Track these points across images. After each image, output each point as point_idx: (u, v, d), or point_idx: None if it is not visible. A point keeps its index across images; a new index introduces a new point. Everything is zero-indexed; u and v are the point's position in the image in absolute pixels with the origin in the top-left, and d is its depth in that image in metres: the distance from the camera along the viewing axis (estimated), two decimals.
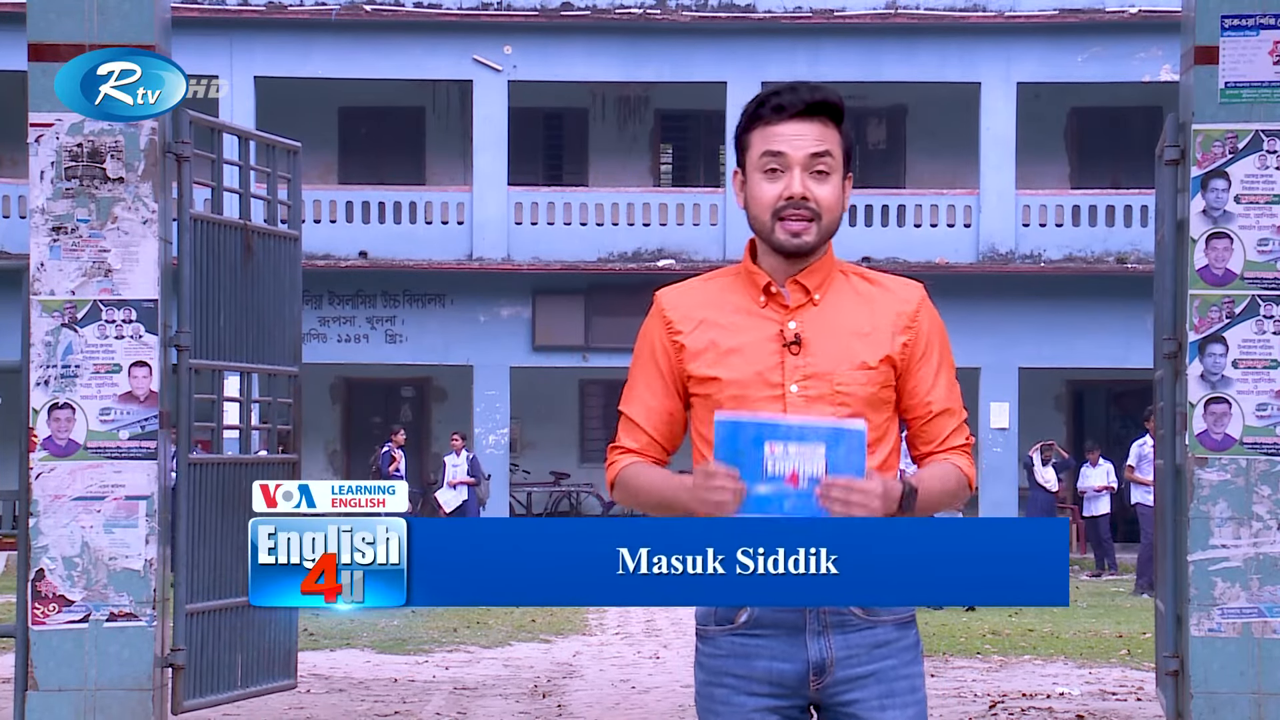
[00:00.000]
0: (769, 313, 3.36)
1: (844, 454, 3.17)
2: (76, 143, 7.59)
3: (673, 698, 10.56)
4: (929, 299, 3.44)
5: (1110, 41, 26.67)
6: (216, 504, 8.08)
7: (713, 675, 3.38)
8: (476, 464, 25.32)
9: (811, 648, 3.31)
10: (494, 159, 27.06)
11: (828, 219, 3.33)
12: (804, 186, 3.30)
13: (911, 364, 3.38)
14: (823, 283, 3.37)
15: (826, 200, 3.32)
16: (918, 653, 3.40)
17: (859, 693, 3.33)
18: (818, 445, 3.17)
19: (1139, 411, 20.76)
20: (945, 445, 3.43)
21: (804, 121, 3.32)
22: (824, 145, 3.31)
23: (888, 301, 3.39)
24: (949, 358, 3.45)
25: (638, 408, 3.46)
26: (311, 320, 26.41)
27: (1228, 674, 7.26)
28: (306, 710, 9.75)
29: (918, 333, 3.38)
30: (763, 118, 3.34)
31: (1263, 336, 7.33)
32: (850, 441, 3.18)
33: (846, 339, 3.34)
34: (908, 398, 3.40)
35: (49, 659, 7.50)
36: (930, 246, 26.68)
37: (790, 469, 3.17)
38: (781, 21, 26.74)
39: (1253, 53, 7.30)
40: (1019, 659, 12.87)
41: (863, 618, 3.32)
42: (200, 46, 25.09)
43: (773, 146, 3.31)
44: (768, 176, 3.33)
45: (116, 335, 7.59)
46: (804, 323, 3.34)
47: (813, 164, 3.31)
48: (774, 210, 3.32)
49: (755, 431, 3.18)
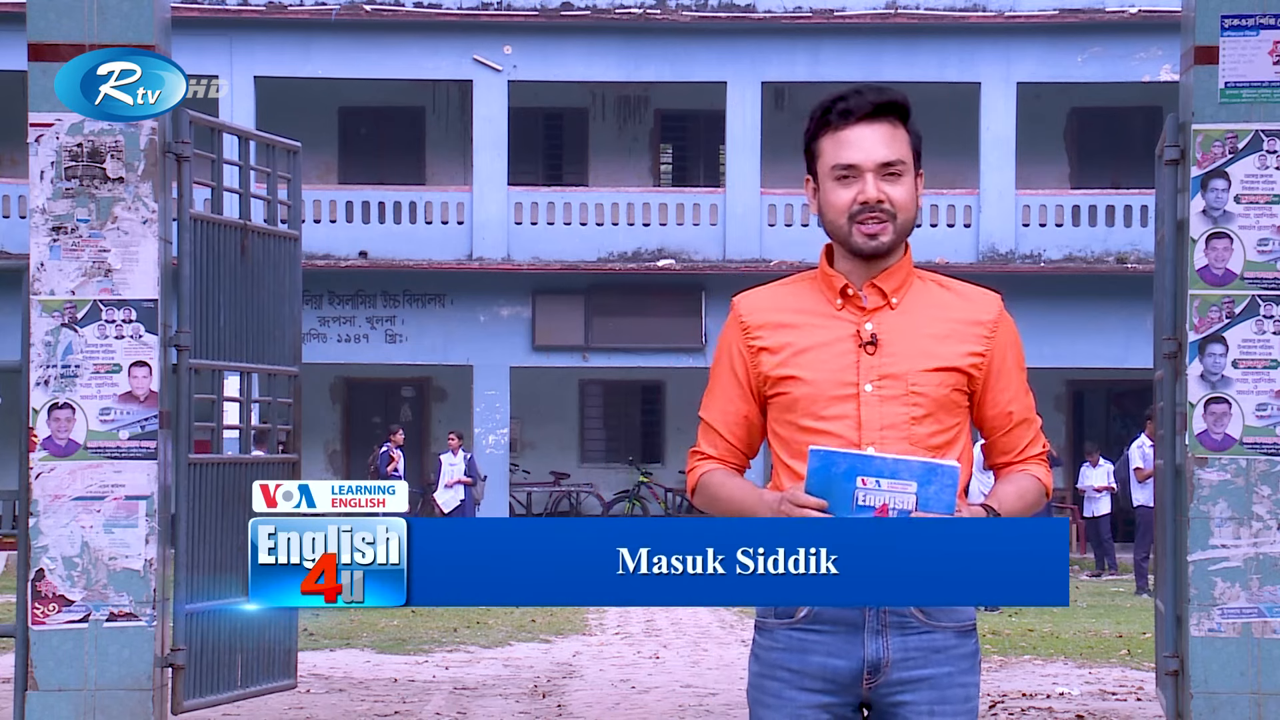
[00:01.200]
0: (846, 314, 3.37)
1: (935, 491, 3.18)
2: (76, 143, 7.59)
3: (673, 698, 10.56)
4: (1006, 310, 3.45)
5: (1110, 41, 26.68)
6: (216, 504, 8.08)
7: (767, 668, 3.39)
8: (473, 464, 25.32)
9: (869, 646, 3.32)
10: (494, 159, 27.06)
11: (903, 218, 3.35)
12: (878, 190, 3.32)
13: (990, 375, 3.40)
14: (900, 286, 3.39)
15: (901, 200, 3.34)
16: (975, 662, 3.39)
17: (911, 695, 3.33)
18: (909, 483, 3.18)
19: (1139, 411, 20.76)
20: (1024, 455, 3.46)
21: (871, 125, 3.34)
22: (894, 152, 3.33)
23: (966, 310, 3.40)
24: (1023, 367, 3.47)
25: (716, 414, 3.48)
26: (311, 320, 26.41)
27: (1227, 674, 7.26)
28: (306, 710, 9.75)
29: (996, 343, 3.40)
30: (830, 124, 3.35)
31: (1263, 336, 7.33)
32: (942, 479, 3.18)
33: (923, 341, 3.35)
34: (989, 408, 3.42)
35: (49, 659, 7.50)
36: (930, 246, 26.67)
37: (881, 502, 3.18)
38: (781, 21, 26.74)
39: (1253, 53, 7.30)
40: (1019, 659, 12.86)
41: (923, 621, 3.32)
42: (200, 46, 25.09)
43: (844, 156, 3.33)
44: (841, 183, 3.34)
45: (116, 335, 7.59)
46: (880, 324, 3.36)
47: (885, 169, 3.33)
48: (850, 214, 3.34)
49: (848, 464, 3.19)
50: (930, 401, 3.32)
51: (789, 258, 25.54)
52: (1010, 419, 3.43)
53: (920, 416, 3.31)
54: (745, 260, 26.14)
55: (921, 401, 3.32)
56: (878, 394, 3.31)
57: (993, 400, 3.41)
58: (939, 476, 3.18)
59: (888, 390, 3.32)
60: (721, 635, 14.46)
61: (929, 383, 3.33)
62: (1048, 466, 3.50)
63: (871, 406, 3.31)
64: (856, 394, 3.32)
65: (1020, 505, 3.39)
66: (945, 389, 3.34)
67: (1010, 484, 3.42)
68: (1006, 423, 3.43)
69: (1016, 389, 3.44)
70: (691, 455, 3.53)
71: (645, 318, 26.78)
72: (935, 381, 3.33)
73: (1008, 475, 3.45)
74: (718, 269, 26.31)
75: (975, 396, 3.40)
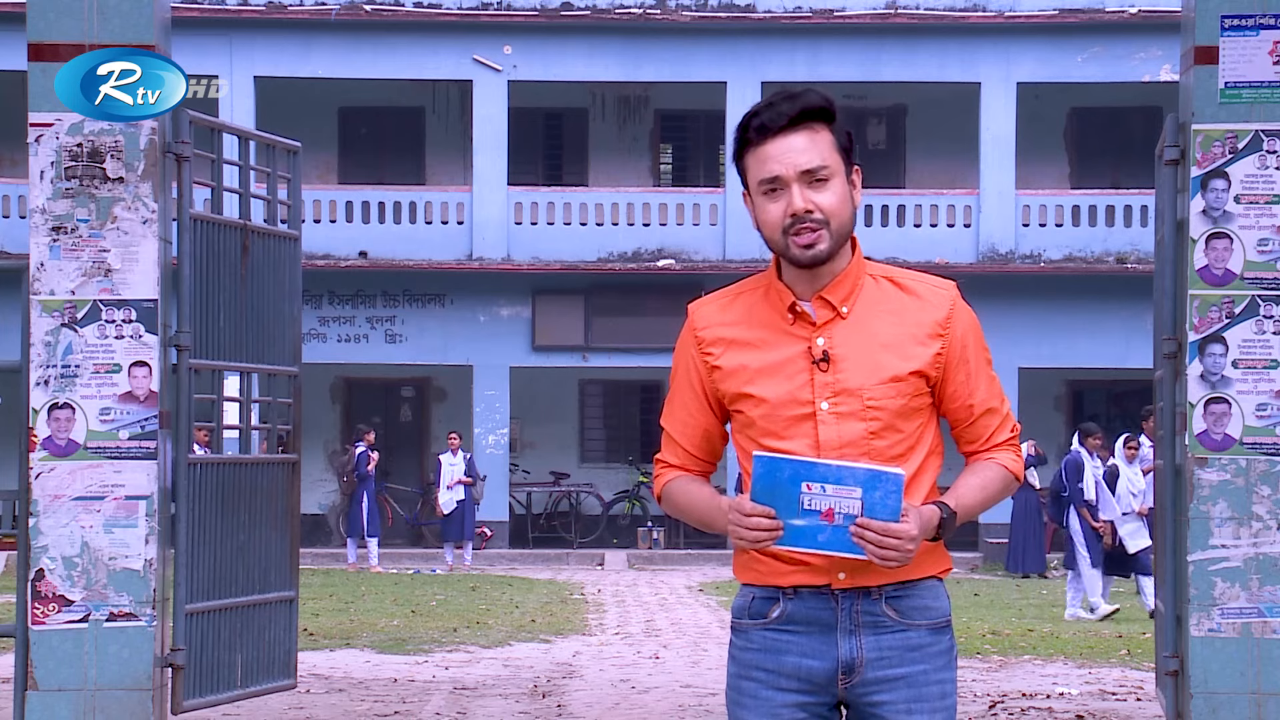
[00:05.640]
0: (797, 330, 3.36)
1: (880, 497, 3.20)
2: (76, 143, 7.58)
3: (672, 698, 10.56)
4: (962, 298, 3.43)
5: (1110, 41, 26.67)
6: (216, 504, 8.08)
7: (743, 669, 3.40)
8: (473, 464, 25.31)
9: (843, 646, 3.33)
10: (494, 159, 27.06)
11: (837, 223, 3.31)
12: (805, 200, 3.29)
13: (949, 370, 3.38)
14: (850, 294, 3.36)
15: (830, 206, 3.30)
16: (950, 658, 3.41)
17: (888, 695, 3.34)
18: (854, 488, 3.20)
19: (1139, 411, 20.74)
20: (990, 444, 3.44)
21: (790, 135, 3.30)
22: (815, 158, 3.29)
23: (919, 309, 3.38)
24: (985, 354, 3.45)
25: (676, 425, 3.51)
26: (311, 320, 26.40)
27: (1227, 674, 7.26)
28: (306, 710, 9.75)
29: (951, 339, 3.38)
30: (750, 141, 3.33)
31: (1262, 336, 7.33)
32: (886, 486, 3.20)
33: (875, 352, 3.33)
34: (949, 401, 3.40)
35: (49, 659, 7.50)
36: (930, 246, 26.68)
37: (827, 506, 3.21)
38: (781, 21, 26.74)
39: (1253, 53, 7.30)
40: (1019, 659, 12.86)
41: (896, 619, 3.33)
42: (200, 46, 25.08)
43: (766, 171, 3.31)
44: (770, 197, 3.32)
45: (116, 335, 7.58)
46: (832, 338, 3.34)
47: (809, 178, 3.30)
48: (783, 228, 3.31)
49: (792, 470, 3.22)
50: (888, 414, 3.32)
51: None
52: (973, 411, 3.41)
53: (879, 430, 3.31)
54: (745, 260, 26.14)
55: (879, 415, 3.31)
56: (834, 411, 3.30)
57: (953, 393, 3.40)
58: (883, 483, 3.20)
59: (844, 407, 3.31)
60: (721, 635, 14.45)
61: (884, 395, 3.32)
62: (1018, 452, 3.47)
63: (829, 425, 3.30)
64: (813, 413, 3.31)
65: (982, 497, 3.38)
66: (903, 398, 3.33)
67: (974, 475, 3.41)
68: (969, 414, 3.42)
69: (978, 378, 3.41)
70: (656, 463, 3.57)
71: (645, 318, 26.77)
72: (891, 393, 3.32)
73: (973, 465, 3.44)
74: (718, 269, 26.31)
75: (936, 391, 3.39)
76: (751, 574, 3.39)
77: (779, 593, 3.35)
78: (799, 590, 3.33)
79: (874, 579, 3.31)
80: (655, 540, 27.07)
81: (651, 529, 27.27)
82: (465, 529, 25.02)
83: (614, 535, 27.89)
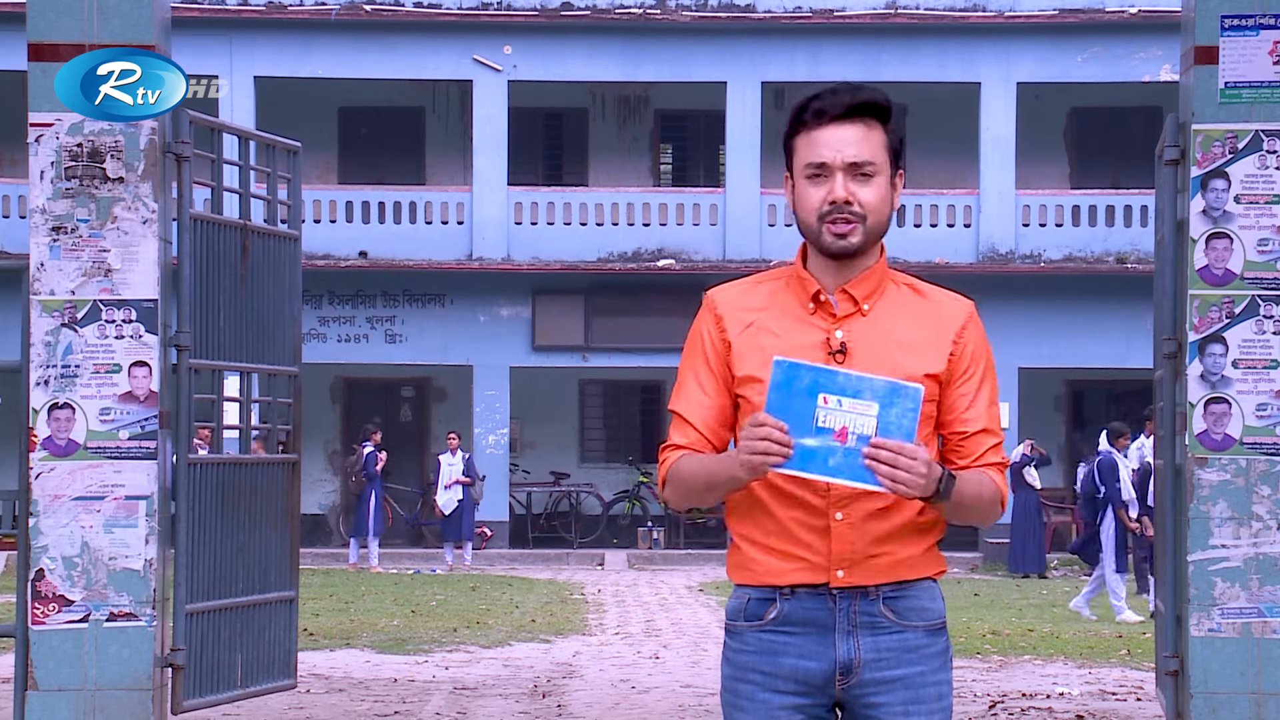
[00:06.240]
0: (817, 320, 3.36)
1: (896, 415, 3.16)
2: (76, 143, 7.58)
3: (673, 698, 10.56)
4: (978, 317, 3.44)
5: (1110, 41, 26.67)
6: (216, 504, 8.08)
7: (739, 671, 3.39)
8: (472, 464, 25.31)
9: (840, 647, 3.32)
10: (494, 159, 27.06)
11: (873, 220, 3.33)
12: (847, 190, 3.31)
13: (953, 380, 3.38)
14: (872, 293, 3.37)
15: (870, 202, 3.33)
16: (946, 659, 3.41)
17: (884, 696, 3.34)
18: (871, 404, 3.15)
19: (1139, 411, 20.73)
20: (980, 462, 3.40)
21: (845, 125, 3.33)
22: (865, 153, 3.32)
23: (936, 317, 3.39)
24: (992, 378, 3.43)
25: (688, 404, 3.45)
26: (311, 320, 26.40)
27: (1227, 674, 7.26)
28: (306, 710, 9.75)
29: (962, 350, 3.38)
30: (805, 123, 3.35)
31: (1262, 336, 7.33)
32: (905, 402, 3.16)
33: (892, 351, 3.33)
34: (946, 412, 3.39)
35: (49, 659, 7.50)
36: (930, 246, 26.67)
37: (841, 424, 3.16)
38: (781, 21, 26.74)
39: (1253, 53, 7.30)
40: (1019, 659, 12.87)
41: (893, 620, 3.33)
42: (200, 46, 25.08)
43: (815, 155, 3.33)
44: (812, 182, 3.33)
45: (116, 335, 7.58)
46: (851, 332, 3.35)
47: (855, 170, 3.31)
48: (819, 214, 3.33)
49: (812, 378, 3.17)
50: None
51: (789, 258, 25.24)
52: (967, 426, 3.39)
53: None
54: (745, 260, 26.14)
55: None
56: None
57: (951, 405, 3.39)
58: (902, 398, 3.17)
59: None
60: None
61: None
62: (1004, 477, 3.45)
63: None
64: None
65: (976, 490, 3.34)
66: None
67: (969, 471, 3.37)
68: (963, 430, 3.39)
69: (980, 397, 3.40)
70: (662, 451, 3.47)
71: (645, 318, 26.77)
72: None
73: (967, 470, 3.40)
74: (718, 269, 26.29)
75: (939, 402, 3.38)
76: (747, 574, 3.38)
77: (775, 593, 3.34)
78: (796, 590, 3.33)
79: (872, 578, 3.31)
80: (655, 540, 27.07)
81: (651, 529, 27.27)
82: (465, 529, 25.03)
83: (614, 535, 27.89)
